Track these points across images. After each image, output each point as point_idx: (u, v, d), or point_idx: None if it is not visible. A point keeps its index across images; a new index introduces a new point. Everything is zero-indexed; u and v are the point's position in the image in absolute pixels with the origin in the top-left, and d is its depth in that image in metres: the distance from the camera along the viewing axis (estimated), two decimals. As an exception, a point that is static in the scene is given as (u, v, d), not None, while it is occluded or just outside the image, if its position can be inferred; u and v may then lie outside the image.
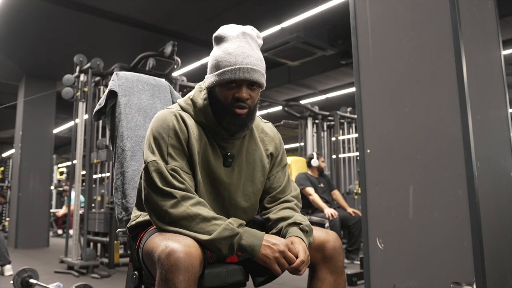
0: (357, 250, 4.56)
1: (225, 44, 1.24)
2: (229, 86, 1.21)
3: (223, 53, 1.22)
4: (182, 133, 1.23)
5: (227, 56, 1.21)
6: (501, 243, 1.73)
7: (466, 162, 1.58)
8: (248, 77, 1.20)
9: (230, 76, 1.20)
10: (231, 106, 1.22)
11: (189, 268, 1.03)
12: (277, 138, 1.43)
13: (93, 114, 1.58)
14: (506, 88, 1.99)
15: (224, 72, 1.20)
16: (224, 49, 1.23)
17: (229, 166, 1.31)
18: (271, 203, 1.38)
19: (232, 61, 1.20)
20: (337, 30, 5.79)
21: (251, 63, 1.21)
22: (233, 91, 1.22)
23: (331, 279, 1.24)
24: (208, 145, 1.27)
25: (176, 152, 1.21)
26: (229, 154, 1.29)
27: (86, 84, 4.66)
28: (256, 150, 1.36)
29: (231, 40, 1.24)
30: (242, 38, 1.24)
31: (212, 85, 1.24)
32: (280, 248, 1.12)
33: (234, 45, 1.23)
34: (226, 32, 1.26)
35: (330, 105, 8.46)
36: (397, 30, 1.85)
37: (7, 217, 8.66)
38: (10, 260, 4.10)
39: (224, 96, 1.22)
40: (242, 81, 1.21)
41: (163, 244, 1.06)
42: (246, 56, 1.21)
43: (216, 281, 1.22)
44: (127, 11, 5.37)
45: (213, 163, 1.28)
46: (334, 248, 1.24)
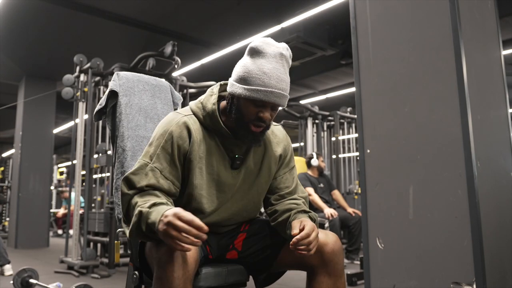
0: (357, 250, 4.56)
1: (261, 60, 1.23)
2: (255, 104, 1.22)
3: (258, 70, 1.22)
4: (181, 139, 1.24)
5: (262, 75, 1.21)
6: (501, 243, 1.73)
7: (466, 162, 1.58)
8: (277, 102, 1.22)
9: (261, 97, 1.20)
10: (250, 122, 1.24)
11: (184, 265, 1.04)
12: (286, 140, 1.44)
13: (94, 114, 1.58)
14: (506, 88, 1.99)
15: (256, 91, 1.20)
16: (259, 65, 1.22)
17: (237, 169, 1.32)
18: (278, 200, 1.39)
19: (266, 83, 1.20)
20: (337, 30, 5.79)
21: (283, 88, 1.22)
22: (258, 109, 1.23)
23: (330, 282, 1.23)
24: (214, 148, 1.29)
25: (164, 156, 1.23)
26: (237, 157, 1.31)
27: (86, 84, 4.65)
28: (265, 152, 1.37)
29: (268, 58, 1.23)
30: (279, 59, 1.24)
31: (238, 96, 1.24)
32: (167, 219, 1.01)
33: (270, 66, 1.22)
34: (265, 48, 1.24)
35: (330, 105, 8.46)
36: (397, 30, 1.85)
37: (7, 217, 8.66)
38: (9, 260, 4.10)
39: (248, 111, 1.23)
40: (268, 103, 1.22)
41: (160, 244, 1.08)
42: (280, 80, 1.22)
43: (217, 281, 1.23)
44: (127, 11, 5.37)
45: (218, 166, 1.29)
46: (333, 251, 1.23)
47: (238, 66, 1.28)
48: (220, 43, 6.14)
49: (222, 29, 5.78)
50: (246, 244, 1.34)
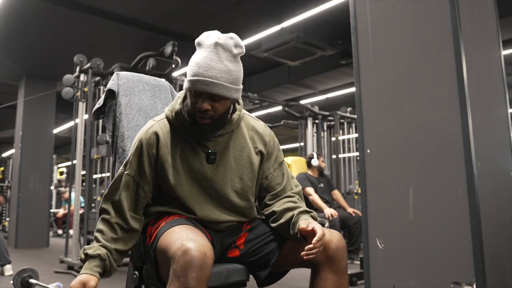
0: (357, 250, 4.56)
1: (198, 52, 1.27)
2: (191, 95, 1.27)
3: (193, 61, 1.26)
4: (149, 145, 1.32)
5: (193, 64, 1.25)
6: (501, 243, 1.73)
7: (466, 162, 1.58)
8: (205, 90, 1.22)
9: (190, 86, 1.25)
10: (195, 114, 1.28)
11: (202, 267, 1.05)
12: (268, 136, 1.44)
13: (92, 113, 1.59)
14: (506, 88, 1.99)
15: (187, 81, 1.26)
16: (195, 57, 1.27)
17: (213, 163, 1.34)
18: (272, 200, 1.40)
19: (195, 71, 1.24)
20: (337, 30, 5.79)
21: (212, 76, 1.22)
22: (195, 100, 1.26)
23: (334, 279, 1.24)
24: (188, 146, 1.33)
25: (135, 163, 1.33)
26: (211, 152, 1.33)
27: (86, 84, 4.65)
28: (244, 147, 1.39)
29: (204, 49, 1.26)
30: (213, 48, 1.25)
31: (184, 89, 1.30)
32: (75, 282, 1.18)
33: (203, 55, 1.25)
34: (203, 40, 1.28)
35: (330, 105, 8.46)
36: (397, 30, 1.85)
37: (7, 217, 8.66)
38: (10, 260, 4.10)
39: (190, 103, 1.29)
40: (200, 93, 1.24)
41: (178, 242, 1.10)
42: (209, 68, 1.23)
43: (217, 281, 1.23)
44: (127, 11, 5.37)
45: (194, 162, 1.33)
46: (337, 248, 1.24)
47: None
48: (220, 43, 6.13)
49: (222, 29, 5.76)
50: (248, 242, 1.35)
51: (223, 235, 1.39)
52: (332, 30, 5.75)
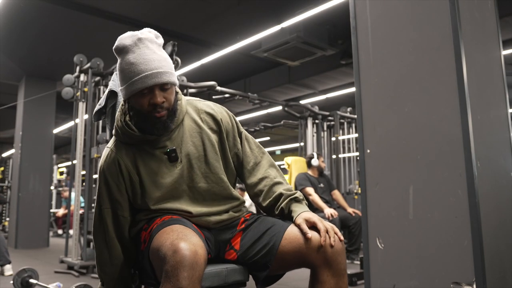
0: (357, 250, 4.56)
1: (126, 56, 1.26)
2: (141, 95, 1.25)
3: (126, 64, 1.25)
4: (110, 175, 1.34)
5: (130, 66, 1.24)
6: (501, 243, 1.73)
7: (466, 162, 1.58)
8: (157, 82, 1.23)
9: (139, 86, 1.22)
10: (150, 113, 1.26)
11: (194, 265, 1.04)
12: (219, 114, 1.44)
13: (93, 114, 1.58)
14: (506, 88, 1.99)
15: (132, 83, 1.23)
16: (126, 60, 1.25)
17: (177, 160, 1.34)
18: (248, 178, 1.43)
19: (136, 71, 1.22)
20: (337, 30, 5.78)
21: (156, 67, 1.23)
22: (147, 97, 1.25)
23: (332, 282, 1.22)
24: (147, 156, 1.33)
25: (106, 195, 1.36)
26: (169, 150, 1.33)
27: (86, 84, 4.66)
28: (200, 132, 1.38)
29: (129, 49, 1.26)
30: (139, 44, 1.26)
31: (126, 97, 1.28)
32: None
33: (134, 54, 1.25)
34: (123, 43, 1.27)
35: (330, 105, 8.46)
36: (397, 30, 1.85)
37: (7, 217, 8.66)
38: (10, 260, 4.10)
39: (140, 105, 1.26)
40: (152, 87, 1.23)
41: (169, 242, 1.09)
42: (148, 61, 1.23)
43: (217, 281, 1.22)
44: (127, 11, 5.37)
45: (158, 169, 1.33)
46: (336, 251, 1.22)
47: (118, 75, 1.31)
48: (220, 43, 6.14)
49: (222, 29, 5.78)
50: (243, 243, 1.34)
51: (216, 232, 1.38)
52: (332, 30, 5.74)
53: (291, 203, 1.34)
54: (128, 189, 1.35)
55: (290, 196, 1.35)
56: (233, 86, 7.23)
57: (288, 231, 1.27)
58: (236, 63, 6.90)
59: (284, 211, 1.33)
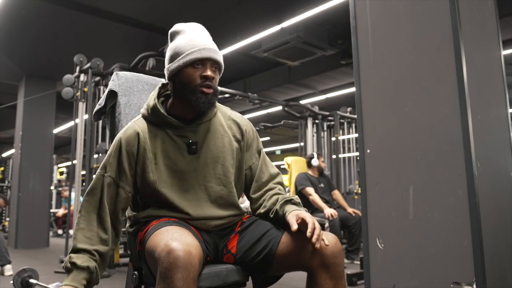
0: (357, 250, 4.56)
1: (182, 35, 1.34)
2: (194, 67, 1.30)
3: (183, 40, 1.32)
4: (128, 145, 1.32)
5: (189, 41, 1.31)
6: (501, 243, 1.73)
7: (466, 162, 1.58)
8: (213, 57, 1.30)
9: (196, 56, 1.28)
10: (198, 86, 1.29)
11: (188, 266, 1.03)
12: (245, 125, 1.47)
13: (93, 114, 1.58)
14: (506, 88, 1.98)
15: (190, 53, 1.29)
16: (183, 38, 1.33)
17: (195, 153, 1.35)
18: (255, 192, 1.43)
19: (196, 44, 1.30)
20: (337, 30, 5.78)
21: (213, 46, 1.33)
22: (199, 71, 1.29)
23: (331, 285, 1.21)
24: (168, 140, 1.34)
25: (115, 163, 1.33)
26: (191, 142, 1.34)
27: (86, 84, 4.66)
28: (224, 135, 1.40)
29: (189, 31, 1.35)
30: (198, 28, 1.37)
31: (177, 69, 1.31)
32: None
33: (192, 33, 1.34)
34: (182, 26, 1.37)
35: (330, 105, 8.46)
36: (397, 30, 1.85)
37: (7, 217, 8.66)
38: (10, 260, 4.10)
39: (191, 78, 1.29)
40: (207, 60, 1.30)
41: (163, 243, 1.07)
42: (206, 40, 1.33)
43: (216, 281, 1.22)
44: (127, 11, 5.37)
45: (176, 155, 1.33)
46: (333, 254, 1.21)
47: (167, 56, 1.37)
48: (220, 43, 6.10)
49: (222, 29, 5.78)
50: (240, 246, 1.32)
51: (215, 236, 1.37)
52: (332, 30, 5.74)
53: (286, 205, 1.32)
54: (138, 165, 1.33)
55: (285, 199, 1.34)
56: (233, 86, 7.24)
57: (286, 234, 1.26)
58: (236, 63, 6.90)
59: (279, 213, 1.31)
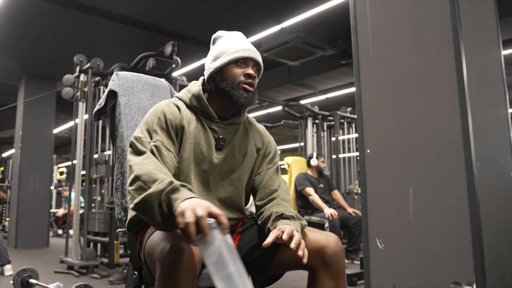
0: (357, 250, 4.56)
1: (225, 38, 1.40)
2: (238, 65, 1.34)
3: (228, 42, 1.37)
4: (172, 115, 1.30)
5: (233, 43, 1.37)
6: (501, 243, 1.73)
7: (466, 162, 1.58)
8: (256, 57, 1.36)
9: (241, 54, 1.33)
10: (241, 83, 1.32)
11: (189, 267, 1.02)
12: (268, 138, 1.50)
13: (93, 114, 1.58)
14: (506, 88, 1.98)
15: (235, 51, 1.34)
16: (227, 41, 1.38)
17: (221, 150, 1.36)
18: (261, 199, 1.40)
19: (240, 45, 1.36)
20: (337, 30, 5.79)
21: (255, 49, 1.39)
22: (242, 69, 1.34)
23: (331, 284, 1.21)
24: (200, 128, 1.34)
25: (161, 131, 1.27)
26: (221, 137, 1.35)
27: (86, 84, 4.66)
28: (248, 141, 1.42)
29: (232, 36, 1.41)
30: (241, 35, 1.43)
31: (220, 66, 1.34)
32: (199, 212, 0.95)
33: (236, 38, 1.39)
34: (223, 33, 1.44)
35: (330, 105, 8.46)
36: (397, 30, 1.85)
37: (7, 217, 8.66)
38: (10, 260, 4.10)
39: (234, 75, 1.33)
40: (250, 60, 1.35)
41: (163, 243, 1.06)
42: (248, 44, 1.39)
43: (216, 281, 1.22)
44: (127, 11, 5.37)
45: (203, 145, 1.33)
46: (334, 253, 1.21)
47: (209, 56, 1.40)
48: (220, 43, 6.12)
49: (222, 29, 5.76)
50: (241, 246, 1.33)
51: None
52: (332, 30, 5.75)
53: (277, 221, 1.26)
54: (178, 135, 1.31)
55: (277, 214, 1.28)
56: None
57: None
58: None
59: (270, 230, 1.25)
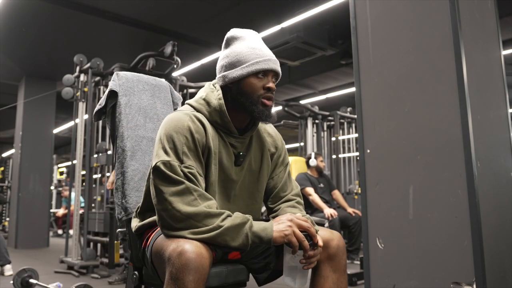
0: (357, 250, 4.56)
1: (243, 42, 1.29)
2: (257, 77, 1.25)
3: (247, 48, 1.27)
4: (199, 134, 1.21)
5: (253, 50, 1.26)
6: (501, 243, 1.73)
7: (466, 162, 1.58)
8: (276, 68, 1.27)
9: (263, 66, 1.24)
10: (260, 97, 1.25)
11: (199, 268, 1.02)
12: (279, 139, 1.46)
13: (94, 114, 1.58)
14: (506, 88, 1.99)
15: (255, 63, 1.24)
16: (245, 45, 1.27)
17: (240, 165, 1.32)
18: (274, 203, 1.40)
19: (260, 54, 1.26)
20: (337, 30, 5.79)
21: (275, 58, 1.29)
22: (262, 81, 1.26)
23: (334, 277, 1.25)
24: (222, 144, 1.28)
25: (191, 154, 1.18)
26: (241, 154, 1.31)
27: (86, 84, 4.66)
28: (263, 150, 1.38)
29: (247, 38, 1.30)
30: (256, 37, 1.31)
31: (239, 77, 1.25)
32: (288, 218, 1.14)
33: (254, 42, 1.29)
34: (239, 33, 1.31)
35: (330, 105, 8.46)
36: (397, 30, 1.85)
37: (7, 217, 8.66)
38: (10, 260, 4.10)
39: (254, 88, 1.25)
40: (271, 71, 1.27)
41: (174, 244, 1.06)
42: (269, 51, 1.29)
43: (217, 281, 1.22)
44: (127, 11, 5.37)
45: (226, 162, 1.28)
46: (338, 247, 1.26)
47: (223, 59, 1.31)
48: (220, 43, 6.09)
49: (222, 29, 5.77)
50: None
51: None
52: (332, 30, 5.75)
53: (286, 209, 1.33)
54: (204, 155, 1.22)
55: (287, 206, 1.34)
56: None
57: None
58: (236, 63, 6.89)
59: None
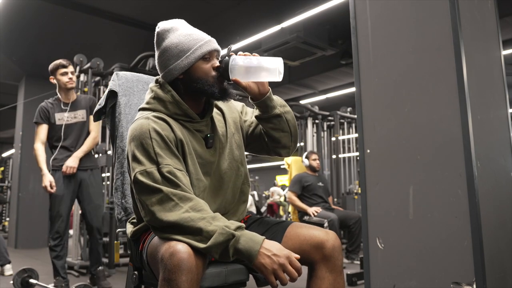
0: (357, 250, 4.56)
1: (177, 32, 1.27)
2: (204, 61, 1.26)
3: (184, 36, 1.26)
4: (165, 131, 1.20)
5: (190, 36, 1.26)
6: (501, 243, 1.73)
7: (466, 162, 1.58)
8: (218, 47, 1.30)
9: (206, 49, 1.25)
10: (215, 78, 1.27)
11: (192, 268, 1.02)
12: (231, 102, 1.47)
13: (93, 114, 1.58)
14: (506, 88, 1.99)
15: (199, 47, 1.25)
16: (180, 34, 1.26)
17: (211, 148, 1.33)
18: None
19: (199, 38, 1.26)
20: (337, 30, 5.79)
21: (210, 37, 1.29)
22: (210, 62, 1.28)
23: (331, 278, 1.24)
24: (188, 133, 1.28)
25: (164, 152, 1.17)
26: (209, 136, 1.32)
27: (86, 84, 4.65)
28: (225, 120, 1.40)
29: (181, 27, 1.29)
30: (186, 24, 1.32)
31: (187, 66, 1.25)
32: (281, 260, 1.07)
33: (188, 29, 1.29)
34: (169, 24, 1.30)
35: (330, 105, 8.47)
36: (397, 30, 1.85)
37: (7, 217, 8.66)
38: (9, 260, 4.10)
39: (205, 71, 1.26)
40: (214, 51, 1.29)
41: (166, 244, 1.05)
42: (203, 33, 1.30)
43: (217, 281, 1.22)
44: (127, 11, 5.37)
45: (199, 148, 1.29)
46: (333, 248, 1.25)
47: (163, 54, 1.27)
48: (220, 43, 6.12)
49: (222, 29, 5.78)
50: None
51: None
52: (332, 30, 5.75)
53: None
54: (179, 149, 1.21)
55: None
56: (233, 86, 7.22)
57: (289, 230, 1.29)
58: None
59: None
